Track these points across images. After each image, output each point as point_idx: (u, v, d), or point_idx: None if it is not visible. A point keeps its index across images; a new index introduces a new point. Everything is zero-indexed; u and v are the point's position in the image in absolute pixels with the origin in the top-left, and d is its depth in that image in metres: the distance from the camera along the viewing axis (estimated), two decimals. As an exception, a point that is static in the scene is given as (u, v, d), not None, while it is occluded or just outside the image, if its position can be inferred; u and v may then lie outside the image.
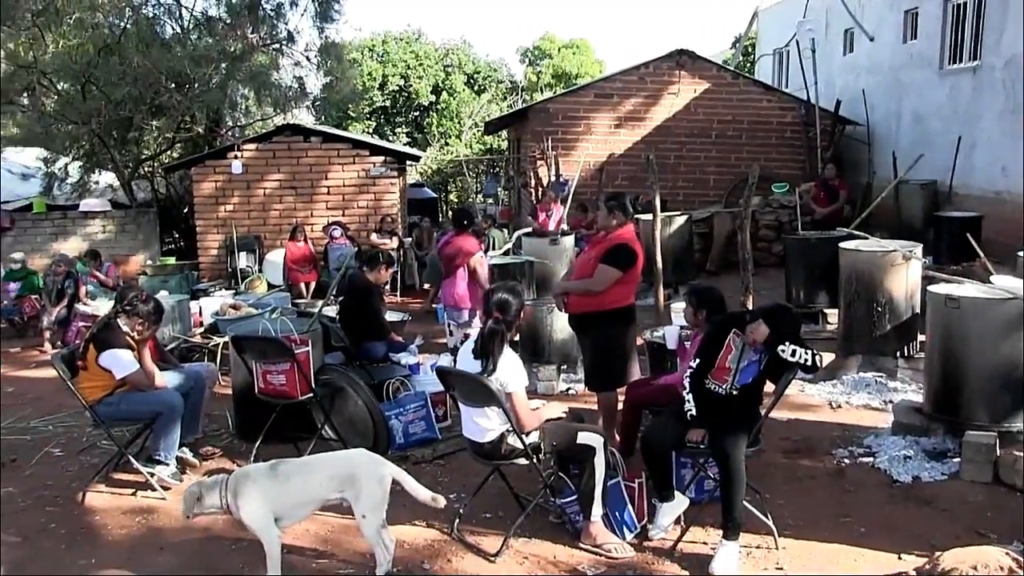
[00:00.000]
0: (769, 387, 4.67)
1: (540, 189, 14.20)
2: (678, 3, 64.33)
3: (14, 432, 6.82)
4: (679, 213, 11.90)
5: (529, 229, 11.41)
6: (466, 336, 7.68)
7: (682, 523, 4.60)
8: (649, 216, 9.01)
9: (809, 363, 4.33)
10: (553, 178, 13.89)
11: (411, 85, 28.50)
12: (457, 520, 4.77)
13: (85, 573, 4.42)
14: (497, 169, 22.71)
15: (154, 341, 5.89)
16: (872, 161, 13.98)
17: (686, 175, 14.58)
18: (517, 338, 5.11)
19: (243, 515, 4.01)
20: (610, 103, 14.50)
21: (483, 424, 4.47)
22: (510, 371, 4.39)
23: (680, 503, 4.61)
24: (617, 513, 4.57)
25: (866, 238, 8.16)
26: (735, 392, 4.53)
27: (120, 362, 5.34)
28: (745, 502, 4.34)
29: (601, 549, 4.41)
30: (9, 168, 16.32)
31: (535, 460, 4.47)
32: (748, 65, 23.54)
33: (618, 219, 5.57)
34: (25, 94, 14.64)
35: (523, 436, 4.42)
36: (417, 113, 29.20)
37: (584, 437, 4.45)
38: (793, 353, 4.31)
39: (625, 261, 5.46)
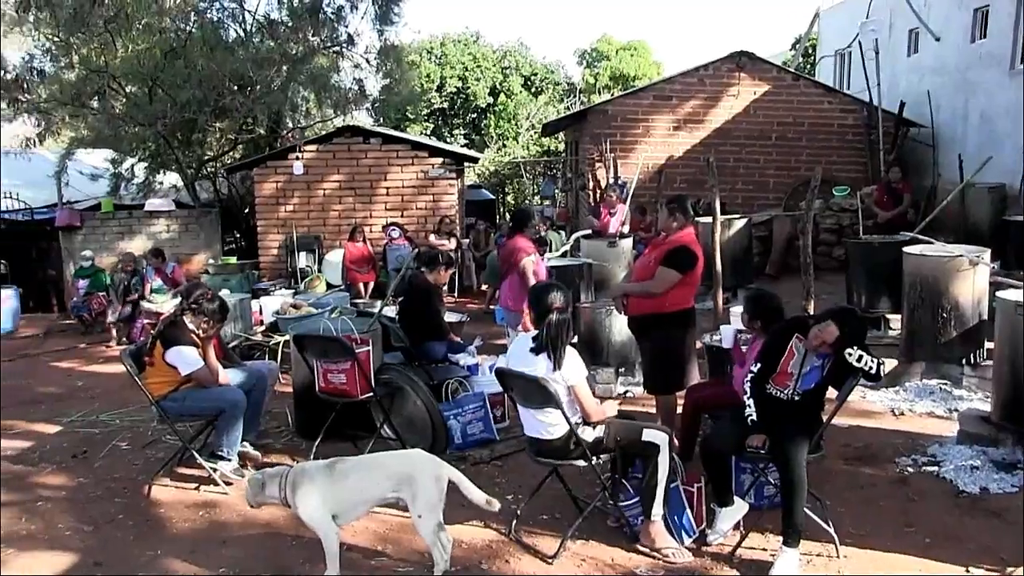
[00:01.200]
0: (831, 393, 4.60)
1: (598, 191, 14.17)
2: (737, 4, 63.67)
3: (84, 425, 7.04)
4: (738, 216, 11.77)
5: (588, 231, 11.38)
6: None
7: (741, 529, 4.55)
8: (708, 219, 8.93)
9: (873, 371, 4.26)
10: (611, 180, 13.85)
11: (469, 87, 28.62)
12: (515, 521, 4.78)
13: (152, 564, 4.53)
14: (554, 171, 22.71)
15: (218, 339, 6.00)
16: (937, 164, 13.68)
17: (745, 178, 14.44)
18: (575, 339, 5.10)
19: (300, 511, 4.07)
20: (669, 105, 14.42)
21: (545, 420, 4.46)
22: (570, 364, 4.39)
23: (739, 508, 4.56)
24: (676, 517, 4.54)
25: (931, 242, 7.99)
26: (797, 397, 4.48)
27: (185, 359, 5.46)
28: (806, 509, 4.28)
29: (659, 552, 4.38)
30: (79, 169, 16.75)
31: (594, 461, 4.46)
32: (808, 66, 23.21)
33: (679, 221, 5.54)
34: (96, 97, 15.02)
35: (589, 428, 4.42)
36: (474, 115, 29.28)
37: (649, 434, 4.43)
38: (859, 359, 4.24)
39: (685, 263, 5.42)
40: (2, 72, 14.15)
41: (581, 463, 4.50)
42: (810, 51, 23.83)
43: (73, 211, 14.97)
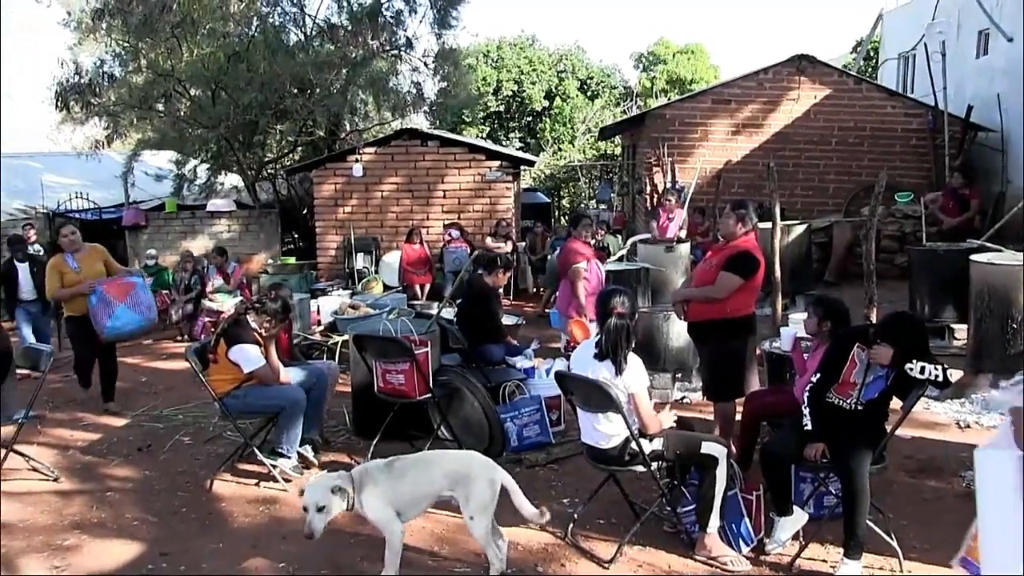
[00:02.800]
0: (895, 403, 4.52)
1: (655, 195, 14.09)
2: (796, 7, 62.73)
3: (148, 420, 7.21)
4: (798, 222, 11.60)
5: (647, 236, 11.33)
6: (568, 342, 7.72)
7: (801, 539, 4.49)
8: (768, 224, 8.83)
9: (940, 379, 4.17)
10: (669, 184, 13.76)
11: (524, 90, 28.64)
12: (571, 525, 4.78)
13: (215, 556, 4.63)
14: (610, 175, 22.63)
15: (288, 337, 6.10)
16: (1006, 169, 13.30)
17: (805, 183, 14.21)
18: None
19: (367, 511, 4.10)
20: (728, 109, 14.27)
21: (604, 430, 4.46)
22: (633, 372, 4.38)
23: (799, 518, 4.50)
24: (734, 525, 4.50)
25: (1000, 250, 7.79)
26: (860, 407, 4.41)
27: (248, 357, 5.56)
28: (868, 521, 4.21)
29: (716, 561, 4.35)
30: (145, 170, 17.18)
31: (653, 469, 4.44)
32: (870, 70, 22.80)
33: (745, 227, 5.50)
34: (162, 100, 15.37)
35: (646, 441, 4.41)
36: (530, 118, 29.29)
37: (708, 447, 4.39)
38: (922, 370, 4.16)
39: (748, 269, 5.37)
40: (77, 77, 14.58)
41: (639, 469, 4.49)
42: (872, 54, 23.40)
43: (139, 211, 15.34)
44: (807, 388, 4.53)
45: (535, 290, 13.10)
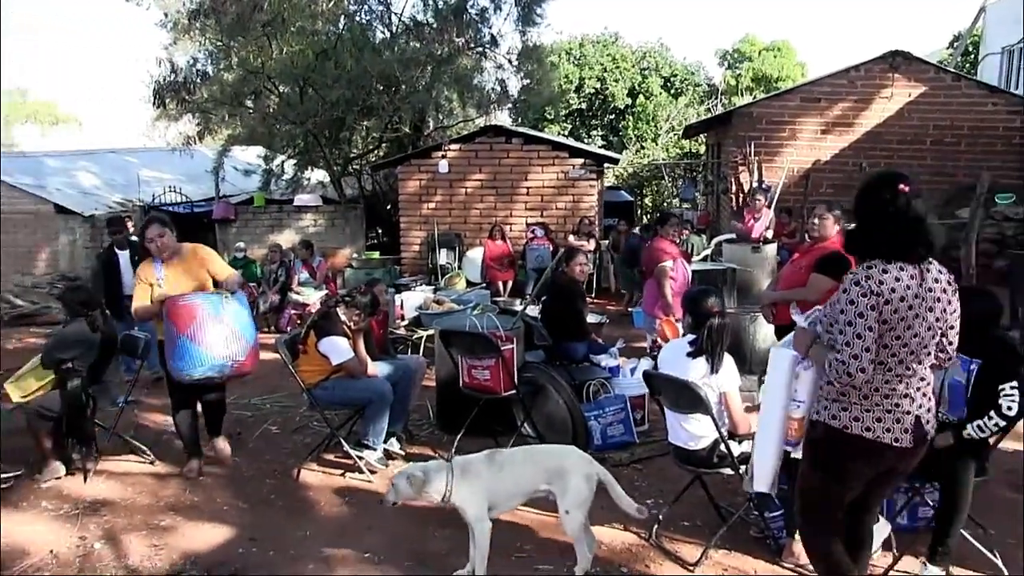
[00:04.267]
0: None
1: (740, 195, 13.86)
2: (888, 2, 61.04)
3: (238, 408, 7.37)
4: (890, 223, 11.24)
5: (732, 235, 11.14)
6: (654, 342, 7.65)
7: (894, 551, 4.35)
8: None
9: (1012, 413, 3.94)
10: (755, 184, 13.51)
11: (607, 88, 28.46)
12: (655, 526, 4.73)
13: (303, 544, 4.71)
14: (694, 174, 22.36)
15: (383, 332, 6.16)
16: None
17: (897, 183, 13.79)
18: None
19: (462, 503, 4.09)
20: (817, 107, 13.94)
21: (693, 430, 4.41)
22: (727, 370, 4.34)
23: (882, 528, 4.35)
24: (823, 533, 4.38)
25: (1109, 256, 7.44)
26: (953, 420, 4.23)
27: (337, 349, 5.65)
28: (968, 535, 4.05)
29: (804, 569, 4.25)
30: (234, 165, 17.64)
31: (742, 471, 4.36)
32: (967, 65, 22.02)
33: (841, 228, 5.38)
34: (252, 97, 15.75)
35: (736, 443, 4.34)
36: (612, 116, 29.13)
37: (798, 452, 4.28)
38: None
39: (839, 270, 5.22)
40: (173, 76, 15.06)
41: (727, 472, 4.42)
42: (971, 49, 22.59)
43: (228, 205, 15.75)
44: None
45: (619, 289, 13.00)
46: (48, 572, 4.47)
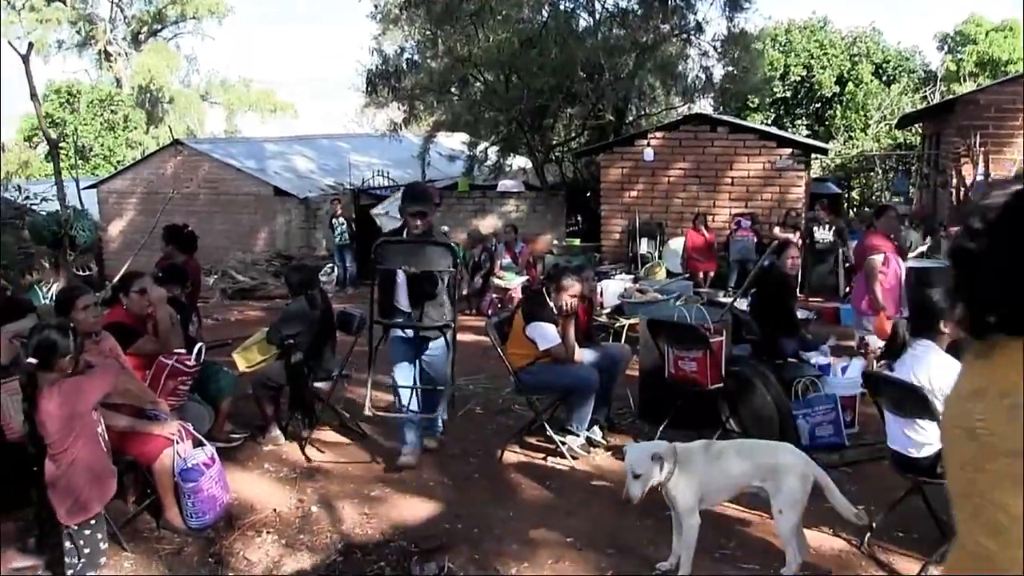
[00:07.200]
0: None
1: (962, 189, 12.90)
2: None
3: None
4: None
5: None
6: (862, 340, 7.21)
7: None
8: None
9: None
10: (980, 177, 12.52)
11: (814, 75, 27.22)
12: (868, 534, 4.45)
13: (506, 525, 4.78)
14: (908, 165, 21.08)
15: (587, 318, 6.17)
16: None
17: None
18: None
19: (676, 492, 3.98)
20: (1057, 93, 12.72)
21: (916, 437, 4.12)
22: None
23: None
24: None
25: None
26: None
27: (544, 334, 5.67)
28: None
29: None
30: (439, 151, 18.21)
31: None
32: None
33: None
34: (457, 85, 16.19)
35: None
36: (819, 105, 27.84)
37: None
38: None
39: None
40: (383, 65, 15.74)
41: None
42: None
43: (433, 189, 16.22)
44: None
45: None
46: (273, 528, 4.76)
